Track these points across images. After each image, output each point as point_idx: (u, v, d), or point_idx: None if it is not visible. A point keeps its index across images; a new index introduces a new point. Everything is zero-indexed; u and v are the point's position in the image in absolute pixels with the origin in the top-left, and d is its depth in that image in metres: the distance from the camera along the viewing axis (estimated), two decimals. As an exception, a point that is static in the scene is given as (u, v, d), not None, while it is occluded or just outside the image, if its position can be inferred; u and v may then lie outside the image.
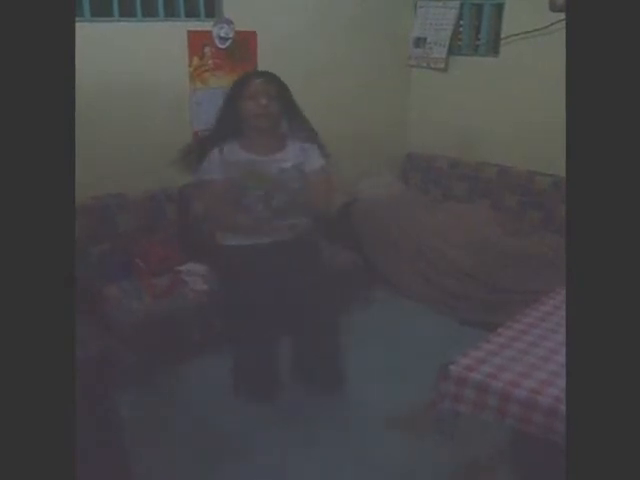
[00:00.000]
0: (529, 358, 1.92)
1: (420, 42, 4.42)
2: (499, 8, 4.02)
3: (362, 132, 4.35)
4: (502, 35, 4.00)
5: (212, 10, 3.59)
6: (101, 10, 3.19)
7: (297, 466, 2.46)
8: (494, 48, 4.12)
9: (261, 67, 3.73)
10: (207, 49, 3.54)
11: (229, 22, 3.53)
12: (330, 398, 2.81)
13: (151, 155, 3.45)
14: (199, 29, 3.48)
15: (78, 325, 1.16)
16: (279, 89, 2.37)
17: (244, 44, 3.65)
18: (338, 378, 2.86)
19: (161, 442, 2.56)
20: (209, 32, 3.50)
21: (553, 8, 3.56)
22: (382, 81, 4.47)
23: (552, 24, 3.61)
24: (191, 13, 3.52)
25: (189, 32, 3.45)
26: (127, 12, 3.28)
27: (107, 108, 3.24)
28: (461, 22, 4.25)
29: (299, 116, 2.47)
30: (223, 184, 2.39)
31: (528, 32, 3.79)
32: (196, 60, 3.52)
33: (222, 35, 3.53)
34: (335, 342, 2.80)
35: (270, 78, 2.38)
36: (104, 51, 3.16)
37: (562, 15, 3.46)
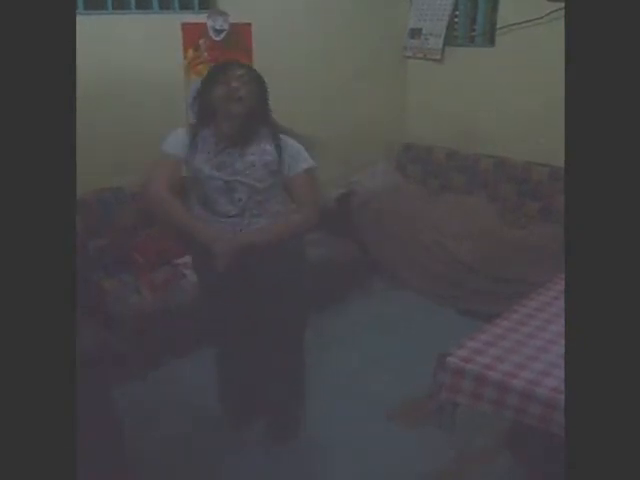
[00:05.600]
0: (526, 349, 1.92)
1: (416, 33, 4.40)
2: (495, -2, 4.00)
3: (359, 124, 4.34)
4: (498, 25, 3.98)
5: (206, 2, 3.57)
6: (95, 2, 3.17)
7: (296, 461, 2.47)
8: (490, 39, 4.11)
9: (257, 59, 3.71)
10: (202, 41, 3.52)
11: (223, 14, 3.52)
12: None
13: (147, 148, 3.44)
14: (193, 21, 3.46)
15: (77, 319, 1.16)
16: (254, 80, 2.19)
17: (239, 36, 3.63)
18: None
19: (159, 436, 2.57)
20: (203, 24, 3.49)
21: (549, -3, 3.55)
22: (378, 72, 4.46)
23: (548, 14, 3.59)
24: (185, 5, 3.51)
25: (183, 24, 3.43)
26: (121, 4, 3.26)
27: (101, 101, 3.23)
28: (457, 13, 4.24)
29: (270, 116, 2.27)
30: (180, 162, 2.24)
31: (524, 22, 3.77)
32: (191, 52, 3.51)
33: (217, 27, 3.51)
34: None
35: (247, 68, 2.25)
36: (98, 44, 3.14)
37: (558, 5, 3.45)
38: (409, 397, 2.74)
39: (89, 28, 3.06)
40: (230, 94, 2.13)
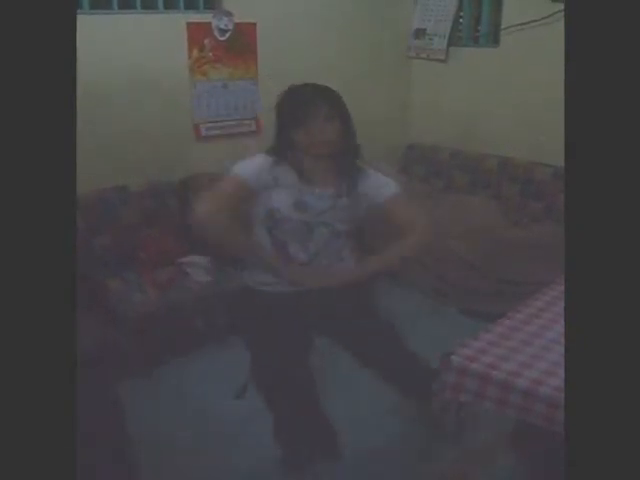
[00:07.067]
0: (530, 348, 1.92)
1: (420, 33, 4.41)
2: (499, -1, 4.01)
3: (362, 123, 4.33)
4: (502, 26, 3.99)
5: (211, 2, 3.58)
6: (100, 2, 3.18)
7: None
8: (494, 39, 4.11)
9: (260, 58, 3.71)
10: (207, 41, 3.53)
11: (228, 14, 3.53)
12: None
13: (152, 147, 3.45)
14: (198, 21, 3.47)
15: (80, 318, 1.15)
16: (339, 114, 2.01)
17: (244, 36, 3.64)
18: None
19: (163, 433, 2.57)
20: (208, 24, 3.50)
21: (553, -2, 3.55)
22: (382, 72, 4.46)
23: (552, 14, 3.60)
24: (190, 5, 3.52)
25: (188, 24, 3.44)
26: (126, 4, 3.27)
27: (106, 101, 3.24)
28: (461, 13, 4.24)
29: (354, 136, 2.11)
30: (246, 185, 1.94)
31: (528, 23, 3.78)
32: (196, 52, 3.52)
33: (222, 27, 3.52)
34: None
35: (320, 95, 2.01)
36: (103, 44, 3.15)
37: (562, 5, 3.45)
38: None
39: (94, 28, 3.07)
40: (314, 138, 1.93)
